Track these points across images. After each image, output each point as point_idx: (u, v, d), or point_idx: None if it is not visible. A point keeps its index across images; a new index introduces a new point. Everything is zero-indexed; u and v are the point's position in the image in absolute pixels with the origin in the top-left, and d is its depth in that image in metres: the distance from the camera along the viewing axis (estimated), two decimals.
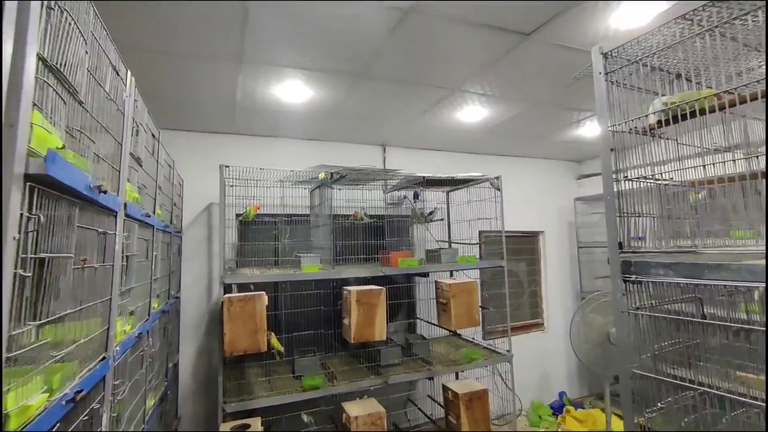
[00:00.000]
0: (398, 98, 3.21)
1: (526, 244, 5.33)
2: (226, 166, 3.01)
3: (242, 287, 2.76)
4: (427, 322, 3.99)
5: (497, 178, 3.69)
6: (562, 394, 5.10)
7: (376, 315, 2.78)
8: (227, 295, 2.49)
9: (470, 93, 3.16)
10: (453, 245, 4.26)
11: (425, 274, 3.50)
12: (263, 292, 2.56)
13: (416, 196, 3.39)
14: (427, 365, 3.16)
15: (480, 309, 3.40)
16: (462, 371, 3.44)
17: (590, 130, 4.24)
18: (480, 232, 4.86)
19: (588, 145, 4.87)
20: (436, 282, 3.38)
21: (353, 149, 4.29)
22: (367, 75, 2.75)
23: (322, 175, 3.15)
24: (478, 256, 4.23)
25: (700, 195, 1.53)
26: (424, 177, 3.43)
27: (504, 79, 2.92)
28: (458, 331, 3.99)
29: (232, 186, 3.31)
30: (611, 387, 3.68)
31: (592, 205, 5.25)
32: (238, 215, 3.45)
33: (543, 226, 5.36)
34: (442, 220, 3.90)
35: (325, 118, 3.53)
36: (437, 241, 4.25)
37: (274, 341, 2.84)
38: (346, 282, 3.36)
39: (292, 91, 2.94)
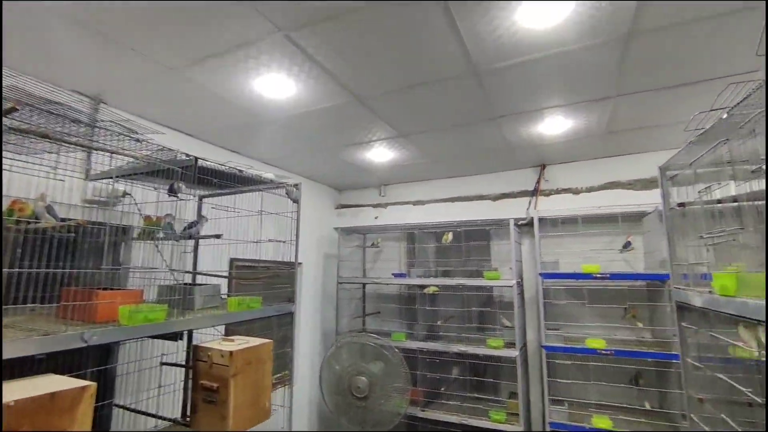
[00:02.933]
0: None
1: (278, 280, 4.31)
2: None
3: None
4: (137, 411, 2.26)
5: (296, 185, 2.61)
6: None
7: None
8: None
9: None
10: (198, 278, 2.77)
11: (174, 336, 1.89)
12: None
13: (176, 190, 1.84)
14: None
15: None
16: None
17: (378, 154, 3.83)
18: (231, 260, 3.52)
19: (352, 175, 4.50)
20: (196, 349, 1.87)
21: None
22: None
23: None
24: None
25: None
26: (185, 155, 1.95)
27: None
28: None
29: None
30: None
31: (351, 237, 4.87)
32: None
33: (301, 256, 4.52)
34: (219, 236, 2.38)
35: None
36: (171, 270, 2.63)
37: None
38: None
39: None
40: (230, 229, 2.52)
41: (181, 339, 1.89)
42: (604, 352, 3.26)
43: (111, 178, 2.15)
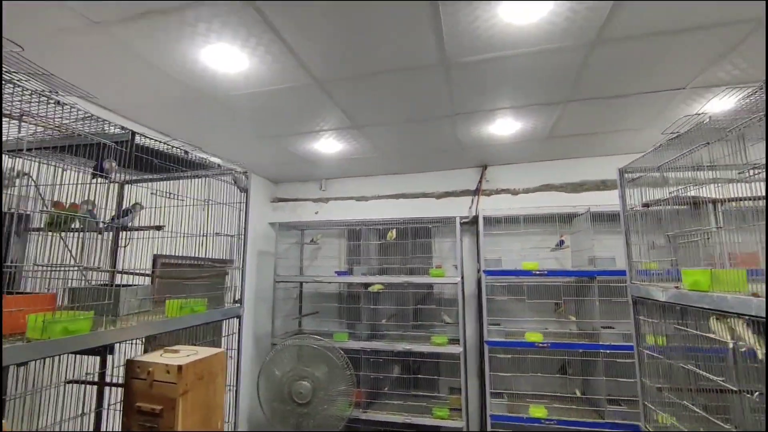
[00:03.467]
0: None
1: (214, 281, 3.89)
2: None
3: None
4: None
5: (245, 173, 2.33)
6: None
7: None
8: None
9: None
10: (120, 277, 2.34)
11: (98, 350, 1.52)
12: None
13: (106, 171, 1.48)
14: None
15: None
16: None
17: (326, 145, 3.63)
18: (155, 257, 3.08)
19: (294, 166, 4.24)
20: (129, 365, 1.53)
21: None
22: None
23: None
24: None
25: None
26: (120, 128, 1.60)
27: None
28: None
29: None
30: None
31: (289, 233, 4.59)
32: None
33: (233, 253, 4.13)
34: (160, 228, 1.98)
35: None
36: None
37: None
38: None
39: None
40: (165, 220, 2.16)
41: (111, 353, 1.55)
42: (541, 345, 3.44)
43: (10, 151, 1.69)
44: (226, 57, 2.15)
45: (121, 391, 1.61)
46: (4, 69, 1.32)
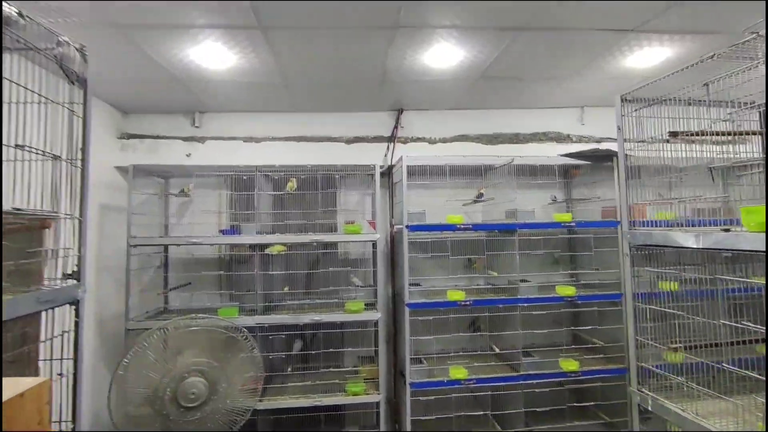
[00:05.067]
0: None
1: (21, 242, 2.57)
2: None
3: None
4: None
5: (82, 48, 1.34)
6: None
7: None
8: None
9: None
10: None
11: None
12: None
13: None
14: None
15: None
16: None
17: (209, 53, 2.62)
18: None
19: (154, 87, 3.09)
20: None
21: None
22: None
23: None
24: None
25: None
26: None
27: None
28: None
29: None
30: None
31: (147, 181, 3.40)
32: None
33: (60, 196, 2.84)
34: None
35: None
36: None
37: None
38: None
39: None
40: None
41: None
42: (464, 303, 3.21)
43: None
44: None
45: None
46: None
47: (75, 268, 1.54)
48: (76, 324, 1.45)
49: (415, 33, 2.43)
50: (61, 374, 1.39)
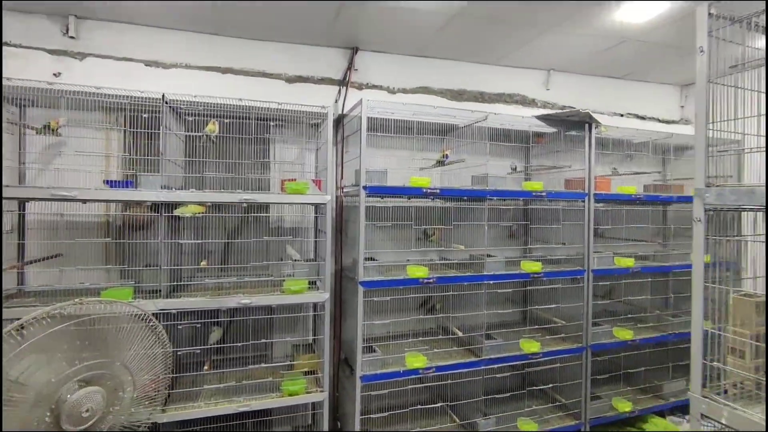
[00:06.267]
0: None
1: None
2: None
3: None
4: None
5: None
6: None
7: None
8: None
9: None
10: None
11: None
12: None
13: None
14: None
15: None
16: None
17: None
18: None
19: None
20: None
21: None
22: None
23: None
24: None
25: None
26: None
27: None
28: None
29: None
30: None
31: None
32: None
33: None
34: None
35: None
36: None
37: None
38: None
39: None
40: None
41: None
42: (426, 281, 2.74)
43: None
44: None
45: None
46: None
47: None
48: None
49: None
50: None
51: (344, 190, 3.06)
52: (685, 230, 3.71)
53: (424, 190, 2.69)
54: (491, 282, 2.90)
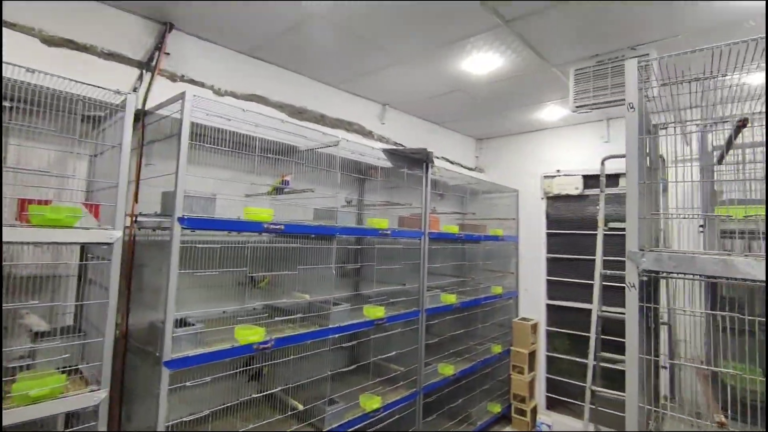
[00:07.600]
0: None
1: None
2: None
3: None
4: None
5: None
6: None
7: None
8: None
9: None
10: None
11: None
12: None
13: None
14: None
15: None
16: None
17: None
18: None
19: None
20: None
21: None
22: None
23: None
24: None
25: None
26: None
27: None
28: None
29: None
30: None
31: None
32: None
33: None
34: None
35: None
36: None
37: None
38: None
39: None
40: None
41: None
42: (262, 346, 2.08)
43: None
44: None
45: None
46: None
47: None
48: None
49: None
50: None
51: (138, 220, 2.10)
52: (477, 264, 4.13)
53: (265, 225, 2.07)
54: (337, 335, 2.46)
